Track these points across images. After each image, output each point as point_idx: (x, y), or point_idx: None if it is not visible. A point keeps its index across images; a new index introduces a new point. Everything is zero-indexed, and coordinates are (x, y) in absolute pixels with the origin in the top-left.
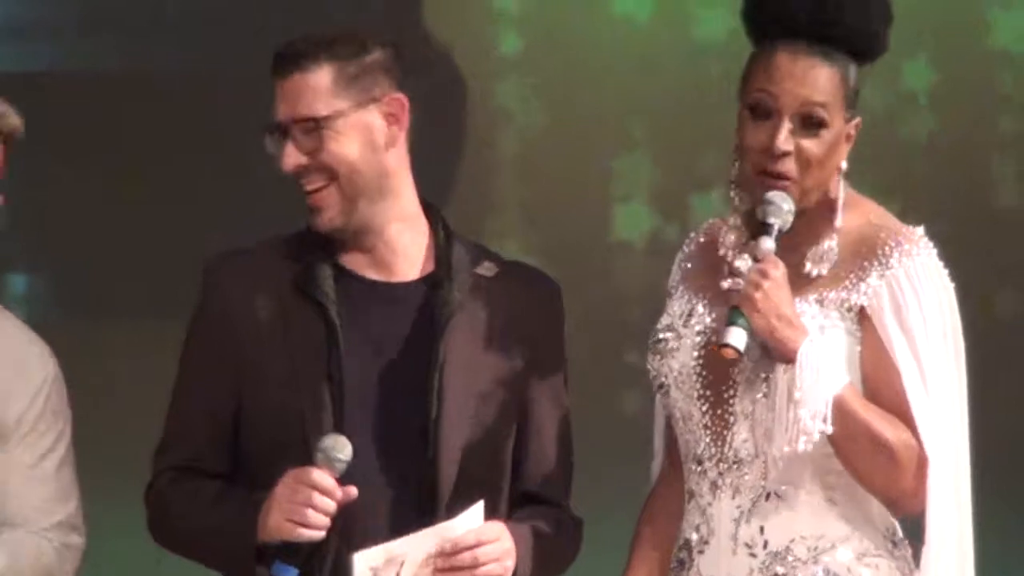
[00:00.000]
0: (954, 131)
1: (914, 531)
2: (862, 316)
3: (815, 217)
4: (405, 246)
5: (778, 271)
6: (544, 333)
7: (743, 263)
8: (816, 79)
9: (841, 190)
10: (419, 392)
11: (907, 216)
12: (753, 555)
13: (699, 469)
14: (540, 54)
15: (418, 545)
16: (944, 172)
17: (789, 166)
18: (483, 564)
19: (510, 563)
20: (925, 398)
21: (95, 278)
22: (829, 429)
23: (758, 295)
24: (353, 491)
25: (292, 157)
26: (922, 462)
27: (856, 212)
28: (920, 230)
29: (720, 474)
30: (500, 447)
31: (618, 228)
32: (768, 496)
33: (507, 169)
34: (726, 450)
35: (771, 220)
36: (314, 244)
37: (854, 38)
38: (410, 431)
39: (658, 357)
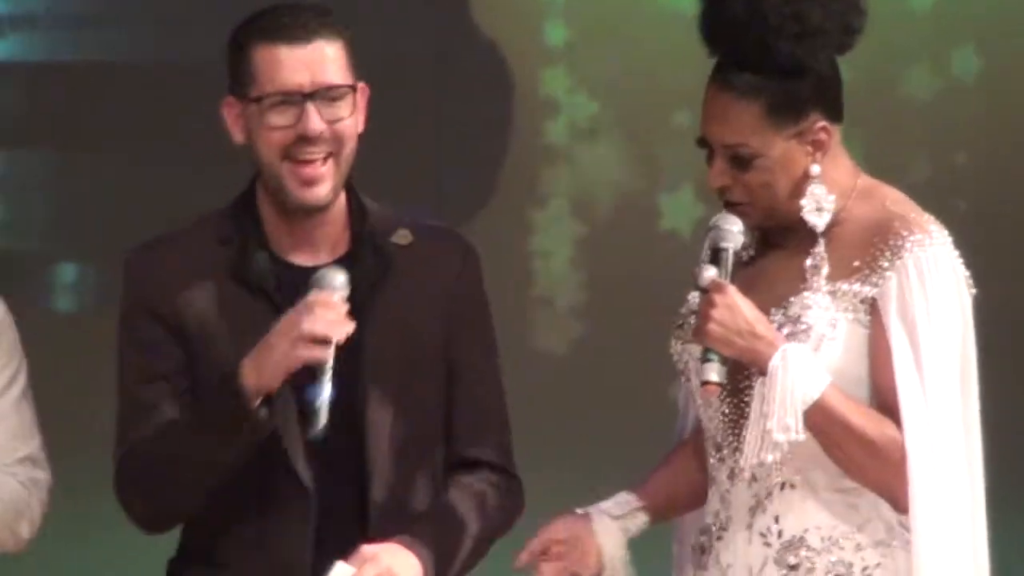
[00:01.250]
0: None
1: None
2: (872, 307)
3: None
4: (334, 225)
5: (724, 294)
6: (463, 292)
7: (693, 298)
8: (733, 118)
9: (821, 193)
10: (346, 376)
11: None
12: (768, 544)
13: (718, 456)
14: (587, 45)
15: None
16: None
17: (735, 195)
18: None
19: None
20: (918, 393)
21: None
22: (800, 438)
23: (710, 325)
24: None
25: (316, 123)
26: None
27: (872, 199)
28: (933, 220)
29: (737, 462)
30: (431, 415)
31: (665, 217)
32: (783, 486)
33: (554, 159)
34: (742, 437)
35: (723, 245)
36: (240, 228)
37: (768, 65)
38: (342, 414)
39: (680, 342)
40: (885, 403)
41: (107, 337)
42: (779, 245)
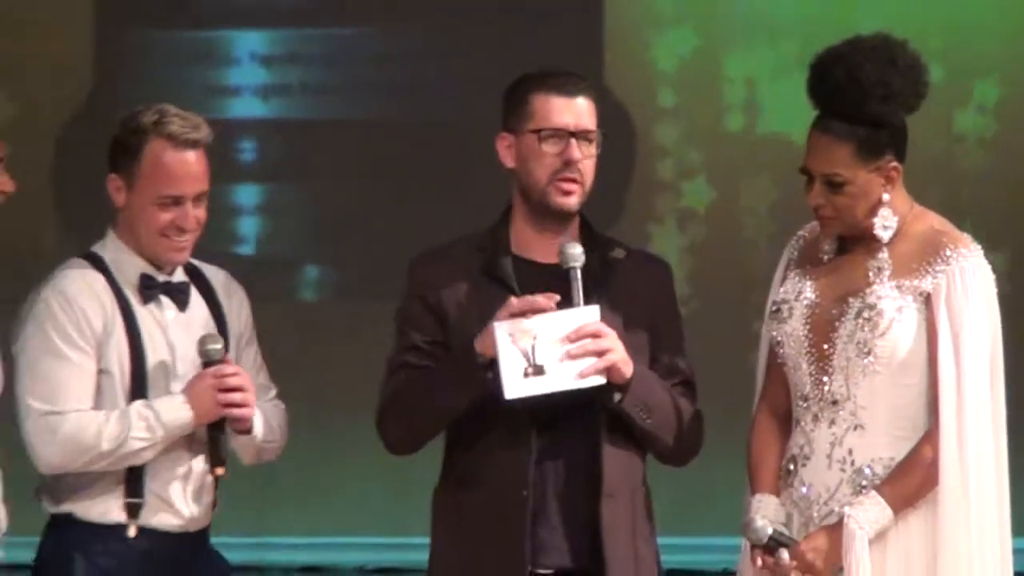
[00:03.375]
0: None
1: None
2: (927, 300)
3: (874, 235)
4: (569, 236)
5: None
6: (663, 293)
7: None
8: (830, 154)
9: (888, 215)
10: None
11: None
12: (843, 470)
13: (804, 405)
14: (690, 105)
15: (547, 325)
16: None
17: (827, 212)
18: (604, 350)
19: (622, 358)
20: (952, 367)
21: (366, 269)
22: None
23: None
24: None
25: (577, 154)
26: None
27: (922, 221)
28: (971, 239)
29: (820, 409)
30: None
31: (746, 230)
32: (855, 427)
33: (664, 191)
34: (825, 392)
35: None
36: (494, 239)
37: (860, 117)
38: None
39: (775, 323)
40: (934, 379)
41: (340, 319)
42: (851, 250)
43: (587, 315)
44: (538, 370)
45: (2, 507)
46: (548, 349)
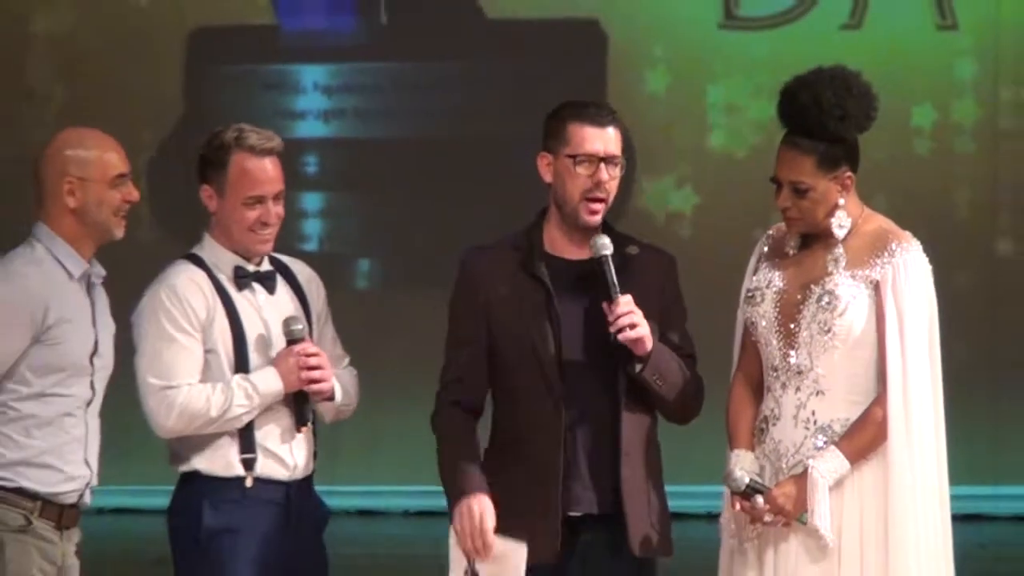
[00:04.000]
0: None
1: None
2: (876, 287)
3: (831, 233)
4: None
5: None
6: (670, 283)
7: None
8: (796, 165)
9: (843, 216)
10: (602, 320)
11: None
12: (807, 428)
13: (774, 374)
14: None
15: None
16: None
17: (792, 213)
18: (637, 324)
19: (647, 334)
20: (898, 344)
21: (409, 264)
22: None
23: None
24: None
25: (605, 176)
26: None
27: (871, 222)
28: (911, 236)
29: (788, 378)
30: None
31: (724, 229)
32: (817, 393)
33: (657, 197)
34: (791, 364)
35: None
36: (529, 240)
37: (821, 134)
38: (601, 345)
39: (750, 306)
40: (882, 352)
41: (389, 305)
42: (812, 246)
43: (517, 551)
44: (474, 574)
45: (94, 463)
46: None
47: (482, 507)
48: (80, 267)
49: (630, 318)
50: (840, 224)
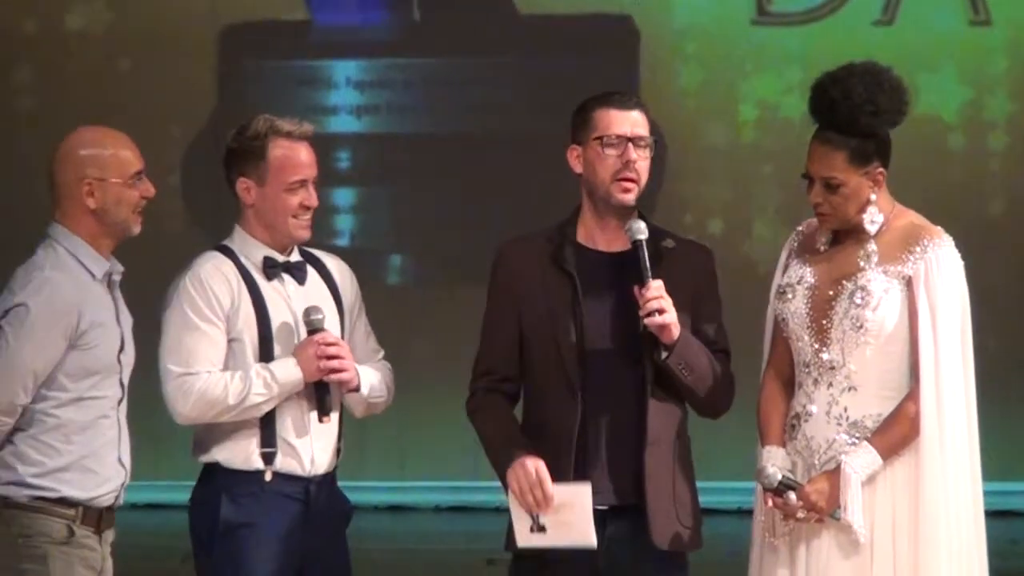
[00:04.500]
0: None
1: None
2: (908, 283)
3: (863, 229)
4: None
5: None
6: (706, 274)
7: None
8: (829, 160)
9: (875, 211)
10: (632, 311)
11: None
12: (840, 424)
13: (806, 370)
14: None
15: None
16: None
17: (824, 209)
18: (664, 309)
19: (674, 321)
20: (931, 339)
21: (439, 259)
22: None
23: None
24: None
25: (634, 155)
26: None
27: (904, 217)
28: (943, 231)
29: (820, 374)
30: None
31: (755, 225)
32: (849, 389)
33: (688, 191)
34: (823, 360)
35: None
36: (561, 233)
37: (852, 130)
38: (629, 335)
39: (781, 303)
40: (915, 348)
41: (418, 299)
42: (843, 242)
43: (580, 493)
44: (541, 528)
45: (127, 462)
46: (549, 514)
47: (536, 463)
48: (102, 267)
49: (659, 303)
50: (872, 220)
